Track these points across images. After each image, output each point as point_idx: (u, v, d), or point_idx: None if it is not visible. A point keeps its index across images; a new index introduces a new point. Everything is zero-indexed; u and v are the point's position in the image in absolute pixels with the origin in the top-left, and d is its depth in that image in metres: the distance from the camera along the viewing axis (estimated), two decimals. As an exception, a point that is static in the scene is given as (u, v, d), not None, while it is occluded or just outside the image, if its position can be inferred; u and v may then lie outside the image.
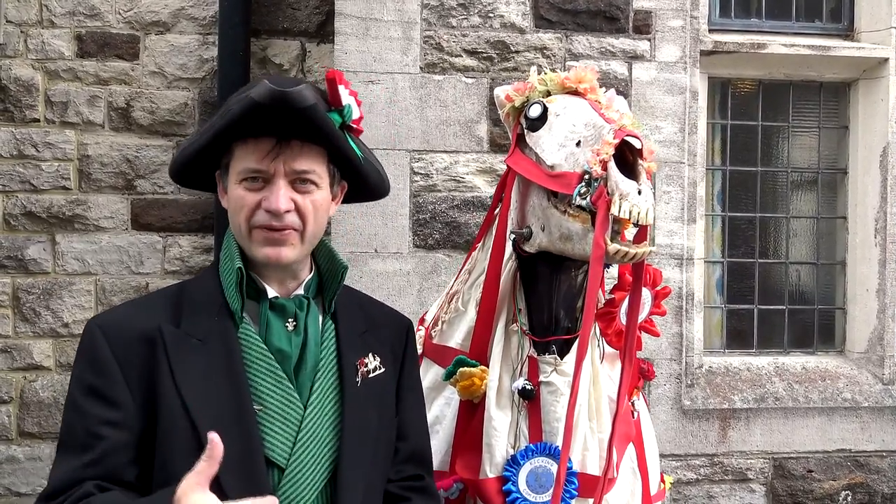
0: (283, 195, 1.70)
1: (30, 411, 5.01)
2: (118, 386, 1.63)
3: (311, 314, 1.81)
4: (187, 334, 1.70)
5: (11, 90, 5.01)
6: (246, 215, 1.72)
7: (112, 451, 1.60)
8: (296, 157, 1.71)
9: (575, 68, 2.13)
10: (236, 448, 1.61)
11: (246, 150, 1.71)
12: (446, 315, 2.41)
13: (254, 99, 1.63)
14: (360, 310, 1.95)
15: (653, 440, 2.46)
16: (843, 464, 4.83)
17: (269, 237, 1.71)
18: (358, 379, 1.82)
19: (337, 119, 1.77)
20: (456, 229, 4.43)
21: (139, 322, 1.70)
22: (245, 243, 1.75)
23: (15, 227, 5.01)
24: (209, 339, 1.70)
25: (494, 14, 4.48)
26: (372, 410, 1.84)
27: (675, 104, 4.60)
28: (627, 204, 1.77)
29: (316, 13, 5.15)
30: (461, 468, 2.19)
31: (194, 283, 1.85)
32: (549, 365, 2.10)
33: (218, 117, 1.73)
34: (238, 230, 1.75)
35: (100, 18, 5.08)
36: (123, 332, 1.68)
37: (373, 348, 1.89)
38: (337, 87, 1.76)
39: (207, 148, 1.75)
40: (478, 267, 2.37)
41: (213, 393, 1.65)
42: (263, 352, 1.72)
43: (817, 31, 5.07)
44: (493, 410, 2.12)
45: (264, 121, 1.67)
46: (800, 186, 5.19)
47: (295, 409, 1.72)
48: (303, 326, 1.78)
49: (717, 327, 5.07)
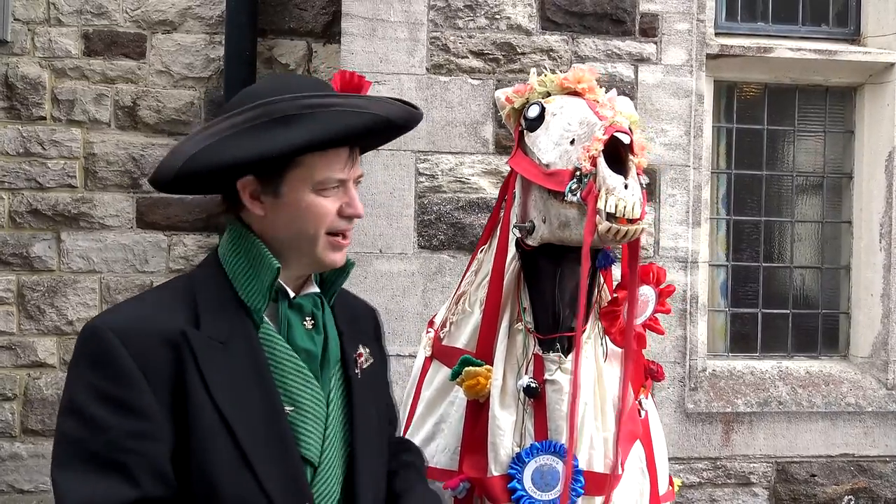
0: (359, 200, 1.73)
1: (33, 408, 5.02)
2: (145, 396, 1.53)
3: (326, 311, 1.81)
4: (210, 337, 1.62)
5: (18, 88, 5.03)
6: (328, 223, 1.69)
7: (146, 465, 1.51)
8: (357, 163, 1.75)
9: (573, 68, 2.15)
10: (276, 451, 1.60)
11: (326, 160, 1.67)
12: (454, 317, 2.42)
13: (390, 119, 1.69)
14: (342, 299, 1.94)
15: (661, 440, 2.46)
16: (846, 468, 4.82)
17: (340, 243, 1.72)
18: (357, 371, 1.83)
19: None
20: (461, 230, 4.43)
21: (159, 324, 1.60)
22: (308, 250, 1.71)
23: (21, 224, 5.02)
24: (231, 341, 1.64)
25: (501, 16, 4.48)
26: (371, 400, 1.86)
27: (680, 107, 4.60)
28: (613, 198, 1.79)
29: (322, 13, 5.17)
30: (468, 467, 2.19)
31: (201, 281, 1.74)
32: (554, 363, 2.11)
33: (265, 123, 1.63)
34: (302, 237, 1.70)
35: (107, 17, 5.10)
36: (144, 337, 1.57)
37: (360, 339, 1.91)
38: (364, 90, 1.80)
39: (272, 157, 1.64)
40: (483, 268, 2.38)
41: (245, 398, 1.61)
42: (289, 352, 1.69)
43: (824, 35, 5.06)
44: (497, 409, 2.12)
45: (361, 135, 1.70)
46: (805, 190, 5.19)
47: (322, 406, 1.72)
48: (321, 324, 1.77)
49: (720, 331, 5.06)
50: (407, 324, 4.33)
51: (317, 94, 1.68)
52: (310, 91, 1.68)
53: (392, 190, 4.39)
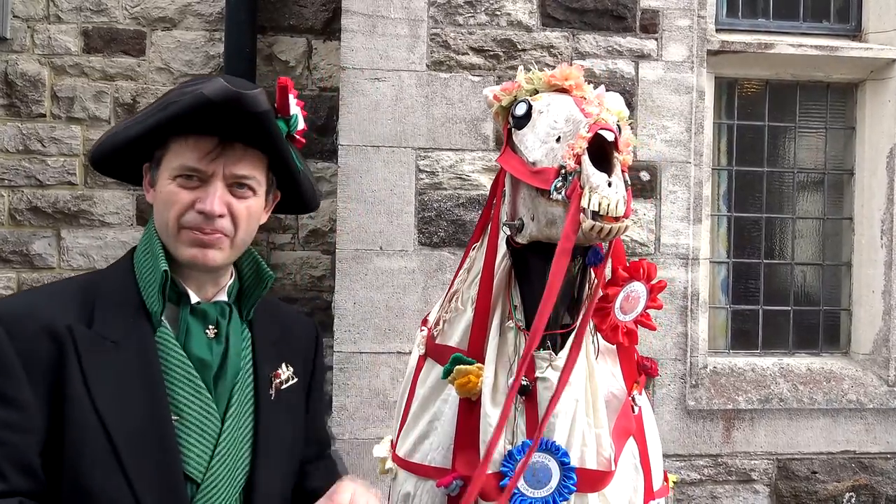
0: (219, 198, 1.64)
1: (34, 406, 5.02)
2: (22, 386, 1.50)
3: (233, 322, 1.75)
4: (100, 336, 1.59)
5: (18, 85, 5.03)
6: (176, 214, 1.64)
7: (15, 458, 1.47)
8: (237, 161, 1.66)
9: (560, 66, 2.15)
10: (154, 461, 1.56)
11: (185, 147, 1.64)
12: (447, 315, 2.41)
13: (206, 96, 1.56)
14: (272, 316, 1.90)
15: (655, 436, 2.45)
16: (847, 465, 4.81)
17: (197, 238, 1.65)
18: (272, 392, 1.79)
19: (283, 128, 1.72)
20: (461, 227, 4.42)
21: (45, 315, 1.57)
22: (171, 242, 1.67)
23: (20, 222, 5.03)
24: (124, 341, 1.60)
25: (501, 12, 4.48)
26: (285, 423, 1.81)
27: (681, 104, 4.59)
28: (597, 196, 1.79)
29: (322, 10, 5.17)
30: (461, 465, 2.18)
31: (107, 278, 1.73)
32: (545, 361, 2.10)
33: (157, 108, 1.65)
34: (164, 228, 1.67)
35: (106, 14, 5.10)
36: (26, 326, 1.54)
37: (285, 357, 1.86)
38: (287, 96, 1.71)
39: (141, 138, 1.66)
40: (475, 266, 2.38)
41: (128, 401, 1.56)
42: (182, 359, 1.64)
43: (825, 31, 5.05)
44: (489, 407, 2.12)
45: (211, 119, 1.61)
46: (806, 187, 5.18)
47: (213, 421, 1.66)
48: (224, 334, 1.71)
49: (721, 328, 5.06)
50: (407, 321, 4.33)
51: (200, 80, 1.67)
52: (206, 77, 1.68)
53: (392, 187, 4.38)
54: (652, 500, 2.32)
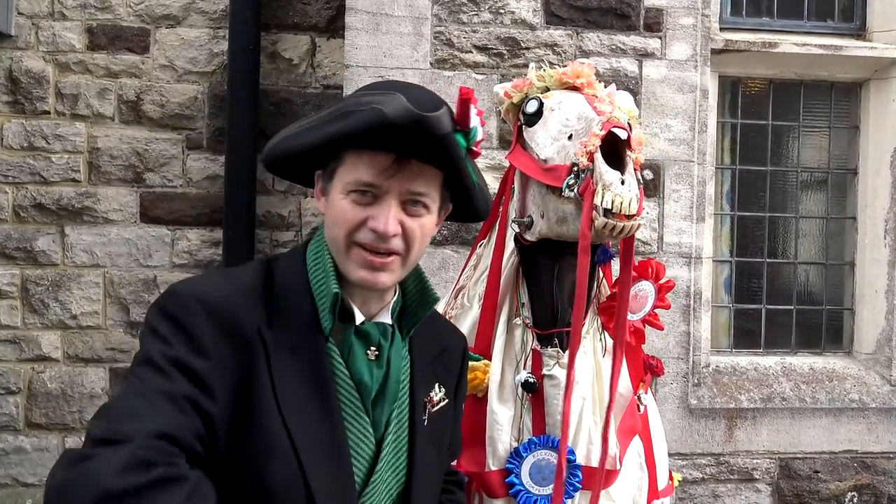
0: (393, 217, 1.56)
1: (37, 402, 5.03)
2: (214, 374, 1.46)
3: (395, 345, 1.69)
4: (280, 341, 1.55)
5: (22, 82, 5.03)
6: (348, 230, 1.58)
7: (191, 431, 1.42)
8: (414, 178, 1.58)
9: (572, 64, 2.15)
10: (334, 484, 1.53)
11: (360, 162, 1.56)
12: (453, 311, 2.42)
13: (388, 117, 1.48)
14: (430, 331, 1.83)
15: (661, 435, 2.45)
16: (849, 465, 4.81)
17: (368, 260, 1.58)
18: (425, 417, 1.74)
19: (462, 142, 1.65)
20: (464, 225, 4.41)
21: (241, 312, 1.54)
22: (341, 259, 1.61)
23: (24, 218, 5.03)
24: (299, 352, 1.56)
25: (505, 10, 4.47)
26: (433, 446, 1.77)
27: (685, 102, 4.58)
28: (610, 194, 1.79)
29: (326, 8, 5.16)
30: (466, 462, 2.19)
31: (282, 277, 1.65)
32: (552, 358, 2.11)
33: (332, 116, 1.58)
34: (335, 243, 1.61)
35: (111, 11, 5.10)
36: (226, 319, 1.51)
37: (440, 377, 1.81)
38: (469, 108, 1.64)
39: (315, 148, 1.59)
40: (482, 263, 2.38)
41: (310, 417, 1.54)
42: (346, 378, 1.61)
43: (829, 30, 5.04)
44: (495, 404, 2.13)
45: (389, 137, 1.52)
46: (809, 186, 5.17)
47: (368, 445, 1.62)
48: (385, 358, 1.66)
49: (724, 327, 5.06)
50: (410, 319, 4.32)
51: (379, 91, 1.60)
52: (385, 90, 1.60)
53: (395, 185, 4.37)
54: (656, 498, 2.32)
